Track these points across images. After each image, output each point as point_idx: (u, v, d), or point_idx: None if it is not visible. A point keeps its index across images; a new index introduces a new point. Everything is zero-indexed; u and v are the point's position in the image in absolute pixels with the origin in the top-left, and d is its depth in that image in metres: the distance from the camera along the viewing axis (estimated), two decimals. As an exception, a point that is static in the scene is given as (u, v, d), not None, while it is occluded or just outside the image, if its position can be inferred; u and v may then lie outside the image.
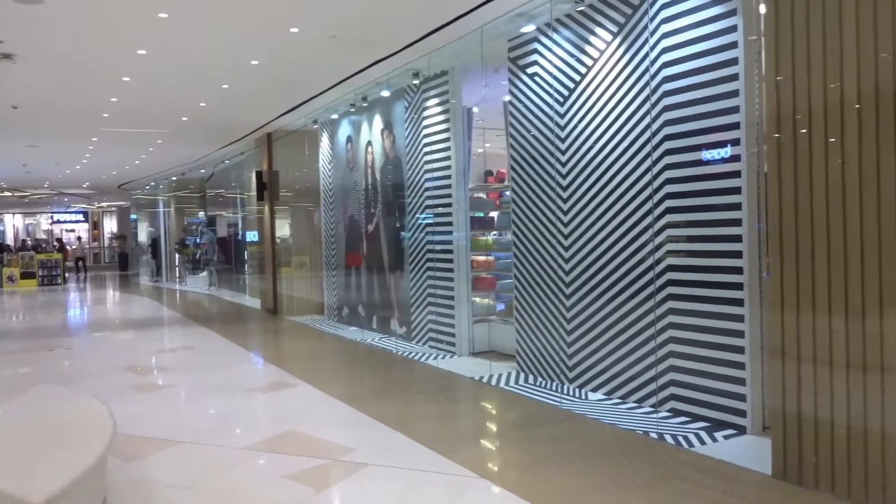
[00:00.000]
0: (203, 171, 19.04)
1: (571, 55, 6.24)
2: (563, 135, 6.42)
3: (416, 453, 4.64)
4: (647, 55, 5.51)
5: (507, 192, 9.49)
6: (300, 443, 4.92)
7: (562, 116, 6.41)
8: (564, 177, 6.42)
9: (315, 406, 6.09)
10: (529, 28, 6.65)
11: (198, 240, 19.33)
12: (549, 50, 6.51)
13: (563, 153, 6.42)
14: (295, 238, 12.75)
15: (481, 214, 8.94)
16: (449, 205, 8.23)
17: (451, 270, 8.26)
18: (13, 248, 27.06)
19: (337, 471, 4.34)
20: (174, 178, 21.20)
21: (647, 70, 5.52)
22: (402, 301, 9.50)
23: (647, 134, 5.53)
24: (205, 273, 20.02)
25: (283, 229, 13.12)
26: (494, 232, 8.92)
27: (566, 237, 6.43)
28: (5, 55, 7.11)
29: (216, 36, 6.95)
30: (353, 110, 10.31)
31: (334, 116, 11.10)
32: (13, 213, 43.89)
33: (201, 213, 20.14)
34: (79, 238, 39.69)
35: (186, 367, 8.12)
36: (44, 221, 45.65)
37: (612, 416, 5.46)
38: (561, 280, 6.50)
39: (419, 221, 8.81)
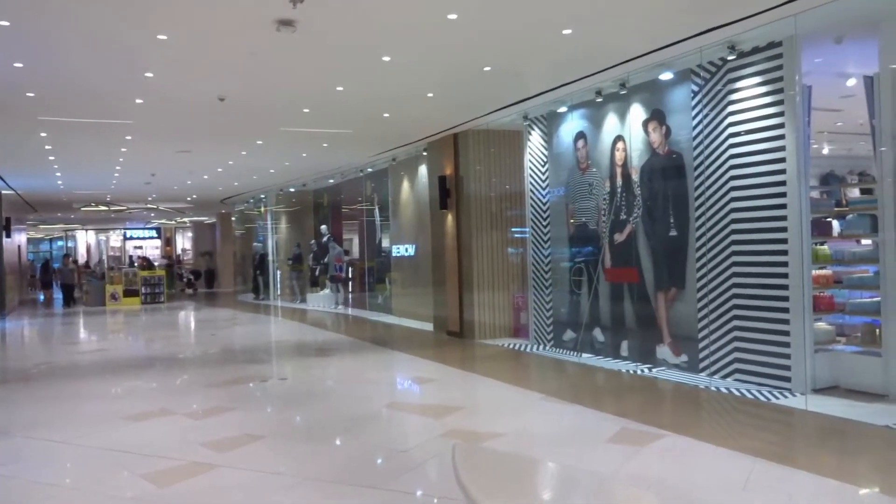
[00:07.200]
0: (332, 180, 17.78)
1: None
2: None
3: None
4: None
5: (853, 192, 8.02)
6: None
7: None
8: None
9: (755, 473, 4.50)
10: None
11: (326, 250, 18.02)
12: None
13: None
14: (480, 250, 11.24)
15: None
16: (781, 206, 6.68)
17: (783, 287, 6.69)
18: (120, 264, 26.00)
19: None
20: (291, 190, 20.02)
21: None
22: (680, 324, 7.93)
23: None
24: (327, 290, 18.70)
25: (457, 239, 11.65)
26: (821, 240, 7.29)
27: None
28: (285, 22, 5.76)
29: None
30: (599, 100, 8.83)
31: (562, 109, 9.62)
32: (86, 230, 43.21)
33: (324, 227, 18.85)
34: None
35: (471, 408, 6.66)
36: (114, 238, 44.98)
37: None
38: None
39: (719, 227, 7.27)
